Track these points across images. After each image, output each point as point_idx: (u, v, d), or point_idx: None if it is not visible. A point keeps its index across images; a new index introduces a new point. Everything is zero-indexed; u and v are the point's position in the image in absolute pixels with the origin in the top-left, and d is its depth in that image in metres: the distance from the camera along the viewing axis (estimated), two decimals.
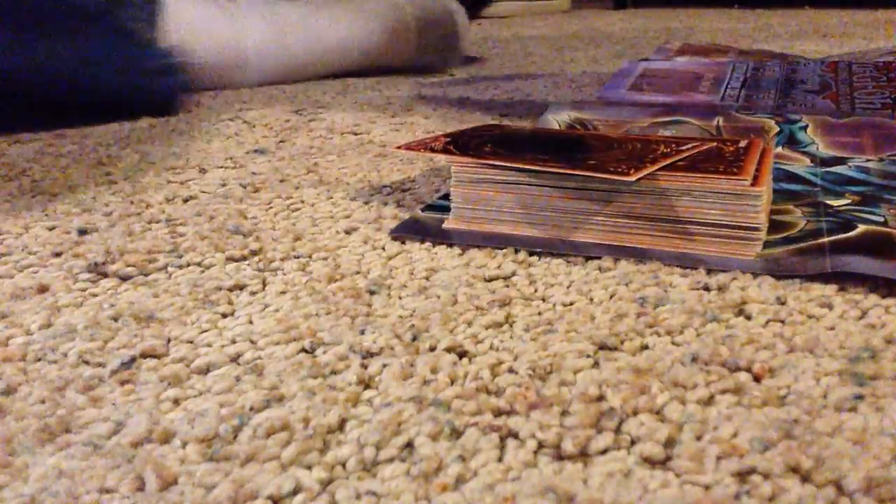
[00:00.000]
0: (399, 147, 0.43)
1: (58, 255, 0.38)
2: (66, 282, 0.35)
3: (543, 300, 0.33)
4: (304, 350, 0.29)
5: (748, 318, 0.31)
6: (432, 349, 0.29)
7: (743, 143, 0.41)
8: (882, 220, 0.38)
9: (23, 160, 0.57)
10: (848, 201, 0.42)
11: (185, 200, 0.47)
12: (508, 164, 0.38)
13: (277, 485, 0.21)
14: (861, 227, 0.37)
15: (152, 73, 0.67)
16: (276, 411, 0.25)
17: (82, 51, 0.64)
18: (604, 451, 0.23)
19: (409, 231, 0.40)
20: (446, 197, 0.41)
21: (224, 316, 0.32)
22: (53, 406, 0.25)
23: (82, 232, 0.41)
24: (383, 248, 0.39)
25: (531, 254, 0.37)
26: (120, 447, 0.23)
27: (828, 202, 0.41)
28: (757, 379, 0.26)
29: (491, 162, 0.38)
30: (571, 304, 0.32)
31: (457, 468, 0.22)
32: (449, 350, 0.28)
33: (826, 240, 0.36)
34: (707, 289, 0.33)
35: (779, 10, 2.35)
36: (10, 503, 0.21)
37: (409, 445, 0.23)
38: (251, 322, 0.31)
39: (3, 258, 0.38)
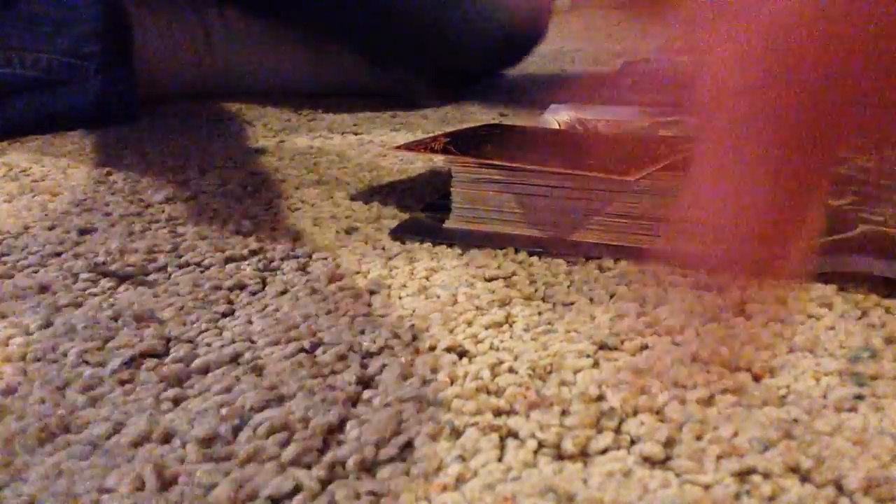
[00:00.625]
0: (399, 147, 0.43)
1: (58, 254, 0.38)
2: (66, 282, 0.35)
3: (543, 300, 0.33)
4: (303, 350, 0.29)
5: (748, 318, 0.31)
6: (432, 349, 0.29)
7: None
8: (882, 219, 0.38)
9: (23, 160, 0.57)
10: (848, 201, 0.42)
11: (186, 200, 0.47)
12: (508, 164, 0.38)
13: (277, 485, 0.21)
14: (861, 227, 0.37)
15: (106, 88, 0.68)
16: (275, 411, 0.25)
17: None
18: (604, 451, 0.23)
19: (409, 231, 0.40)
20: (446, 197, 0.41)
21: (224, 316, 0.32)
22: (53, 406, 0.25)
23: (82, 232, 0.41)
24: (383, 248, 0.39)
25: (531, 254, 0.37)
26: (119, 447, 0.23)
27: (828, 202, 0.41)
28: (757, 379, 0.26)
29: (491, 162, 0.38)
30: (571, 303, 0.32)
31: (457, 468, 0.22)
32: (449, 350, 0.28)
33: (826, 239, 0.36)
34: (707, 288, 0.33)
35: None
36: (11, 502, 0.21)
37: (409, 445, 0.23)
38: (251, 322, 0.31)
39: (3, 258, 0.38)
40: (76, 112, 0.67)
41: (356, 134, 0.66)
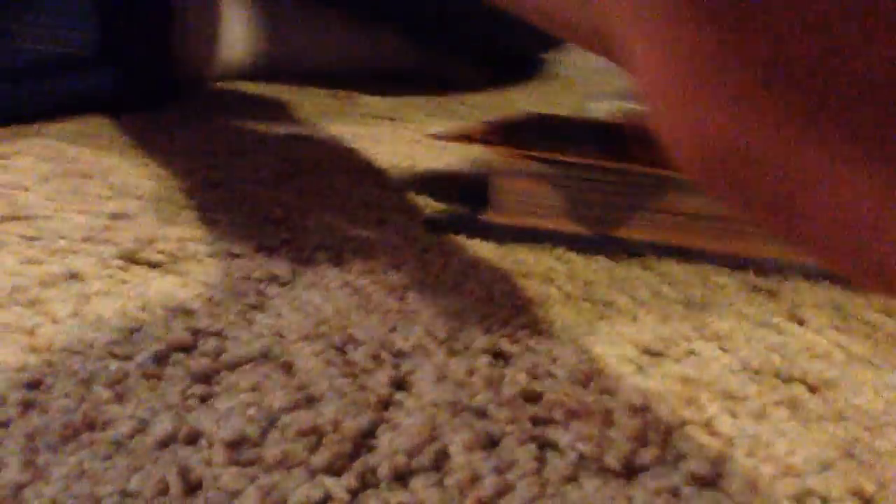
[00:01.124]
0: (435, 135, 0.41)
1: (88, 239, 0.38)
2: (97, 268, 0.35)
3: (584, 299, 0.31)
4: (334, 347, 0.28)
5: (801, 323, 0.29)
6: (467, 349, 0.27)
7: None
8: None
9: (57, 141, 0.57)
10: None
11: (217, 186, 0.46)
12: (550, 156, 0.37)
13: (305, 493, 0.20)
14: None
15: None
16: (305, 413, 0.24)
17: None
18: (649, 467, 0.21)
19: (443, 223, 0.39)
20: (483, 188, 0.39)
21: (254, 308, 0.31)
22: (78, 401, 0.24)
23: (115, 216, 0.41)
24: (416, 240, 0.38)
25: (571, 249, 0.36)
26: (144, 447, 0.22)
27: None
28: (812, 391, 0.25)
29: (532, 153, 0.37)
30: (613, 303, 0.31)
31: (494, 480, 0.21)
32: (485, 351, 0.27)
33: None
34: (757, 290, 0.31)
35: None
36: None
37: (444, 454, 0.22)
38: (281, 315, 0.30)
39: (33, 241, 0.37)
40: (111, 93, 0.67)
41: (392, 119, 0.65)
